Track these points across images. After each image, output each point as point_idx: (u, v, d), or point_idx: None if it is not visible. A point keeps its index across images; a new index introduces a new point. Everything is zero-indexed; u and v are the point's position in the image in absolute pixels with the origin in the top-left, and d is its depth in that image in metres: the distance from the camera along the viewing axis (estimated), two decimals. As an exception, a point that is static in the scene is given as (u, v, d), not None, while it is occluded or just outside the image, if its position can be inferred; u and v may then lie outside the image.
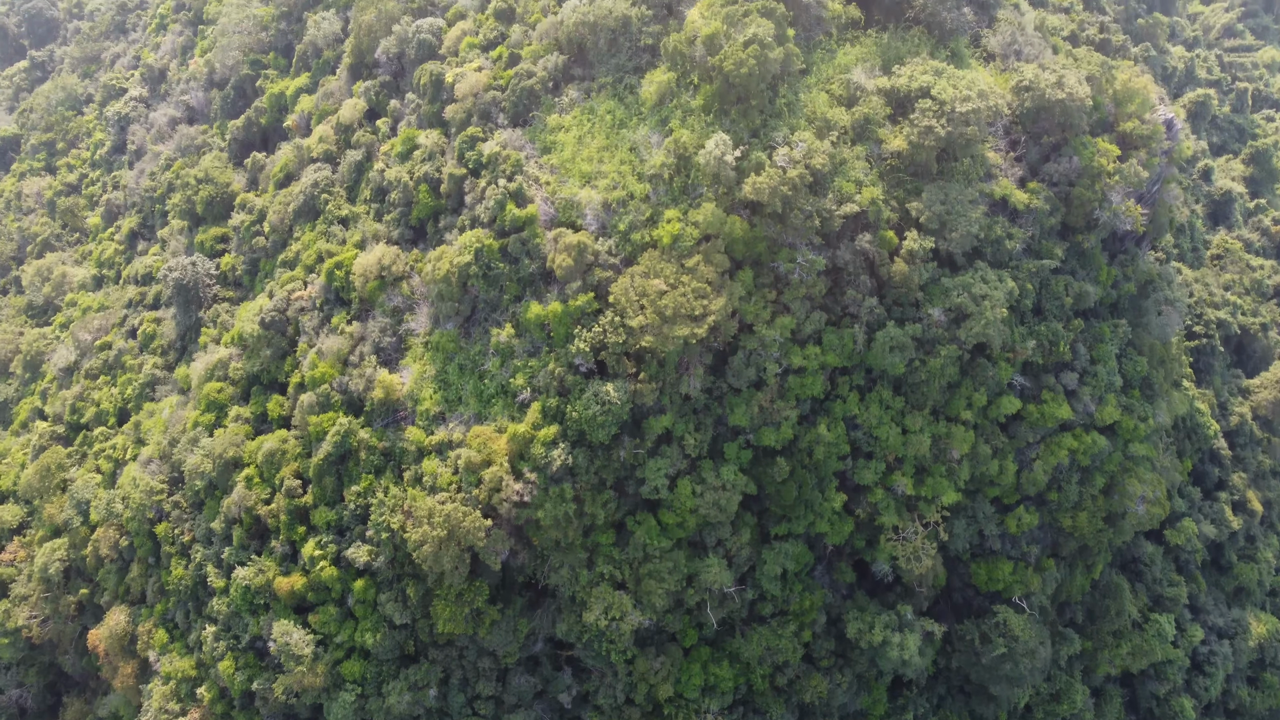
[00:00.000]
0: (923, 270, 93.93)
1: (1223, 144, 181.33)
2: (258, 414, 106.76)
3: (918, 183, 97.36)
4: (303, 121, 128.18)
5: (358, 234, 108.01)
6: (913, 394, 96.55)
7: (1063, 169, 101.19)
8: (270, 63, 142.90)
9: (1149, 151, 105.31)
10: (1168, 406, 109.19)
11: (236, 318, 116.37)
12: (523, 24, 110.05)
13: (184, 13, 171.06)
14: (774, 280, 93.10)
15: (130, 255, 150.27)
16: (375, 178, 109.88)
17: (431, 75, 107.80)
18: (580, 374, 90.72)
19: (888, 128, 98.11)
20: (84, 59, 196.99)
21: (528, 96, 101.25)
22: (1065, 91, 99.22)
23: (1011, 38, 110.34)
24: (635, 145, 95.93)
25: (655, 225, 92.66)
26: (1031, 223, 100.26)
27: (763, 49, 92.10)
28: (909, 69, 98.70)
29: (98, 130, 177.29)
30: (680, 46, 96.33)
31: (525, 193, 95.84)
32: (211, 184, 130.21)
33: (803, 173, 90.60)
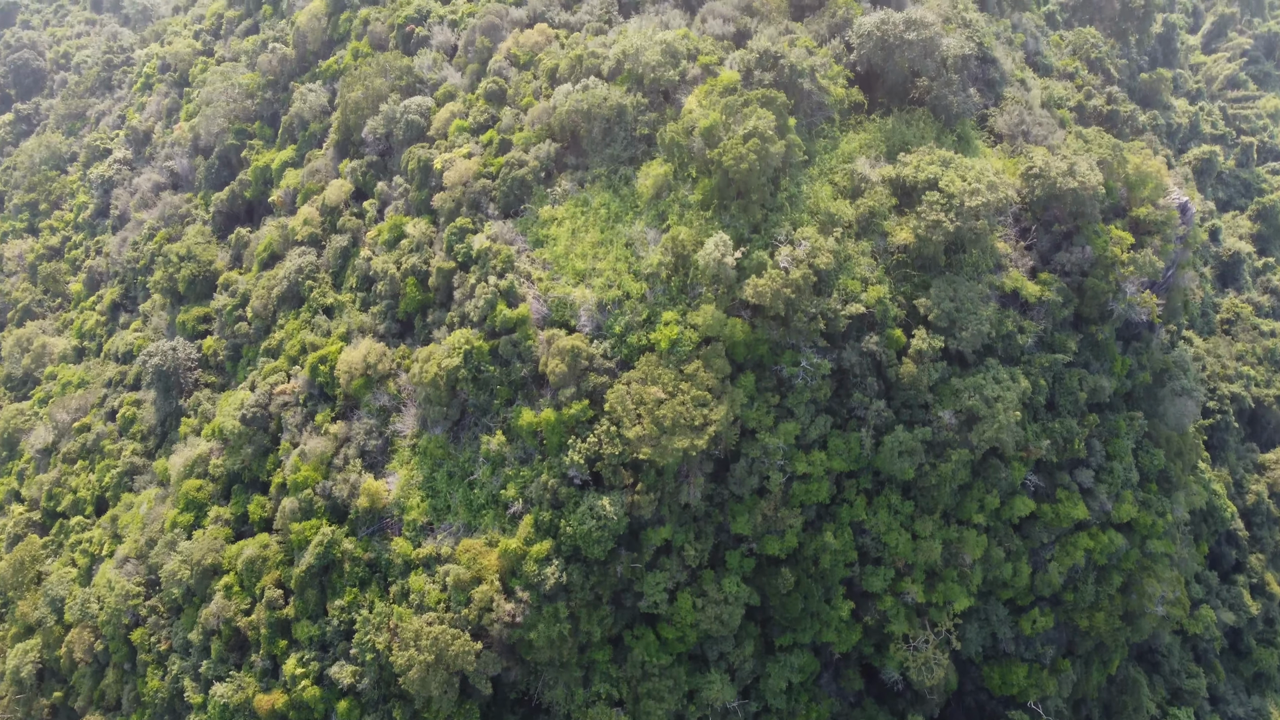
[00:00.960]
0: (932, 370, 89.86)
1: (1229, 199, 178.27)
2: (238, 515, 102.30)
3: (925, 276, 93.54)
4: (288, 198, 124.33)
5: (343, 325, 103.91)
6: (923, 498, 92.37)
7: (1075, 258, 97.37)
8: (256, 132, 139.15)
9: (1164, 238, 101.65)
10: (1186, 499, 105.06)
11: (218, 407, 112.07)
12: (514, 106, 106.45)
13: (169, 73, 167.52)
14: (777, 384, 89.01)
15: (112, 327, 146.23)
16: (361, 265, 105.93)
17: (419, 161, 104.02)
18: (574, 486, 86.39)
19: (893, 219, 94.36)
20: (69, 115, 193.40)
21: (519, 186, 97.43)
22: (1077, 180, 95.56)
23: (1019, 118, 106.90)
24: (631, 241, 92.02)
25: (653, 327, 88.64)
26: (1044, 315, 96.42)
27: (763, 143, 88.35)
28: (915, 158, 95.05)
29: (81, 192, 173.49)
30: (677, 138, 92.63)
31: (516, 291, 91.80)
32: (194, 261, 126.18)
33: (806, 273, 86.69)
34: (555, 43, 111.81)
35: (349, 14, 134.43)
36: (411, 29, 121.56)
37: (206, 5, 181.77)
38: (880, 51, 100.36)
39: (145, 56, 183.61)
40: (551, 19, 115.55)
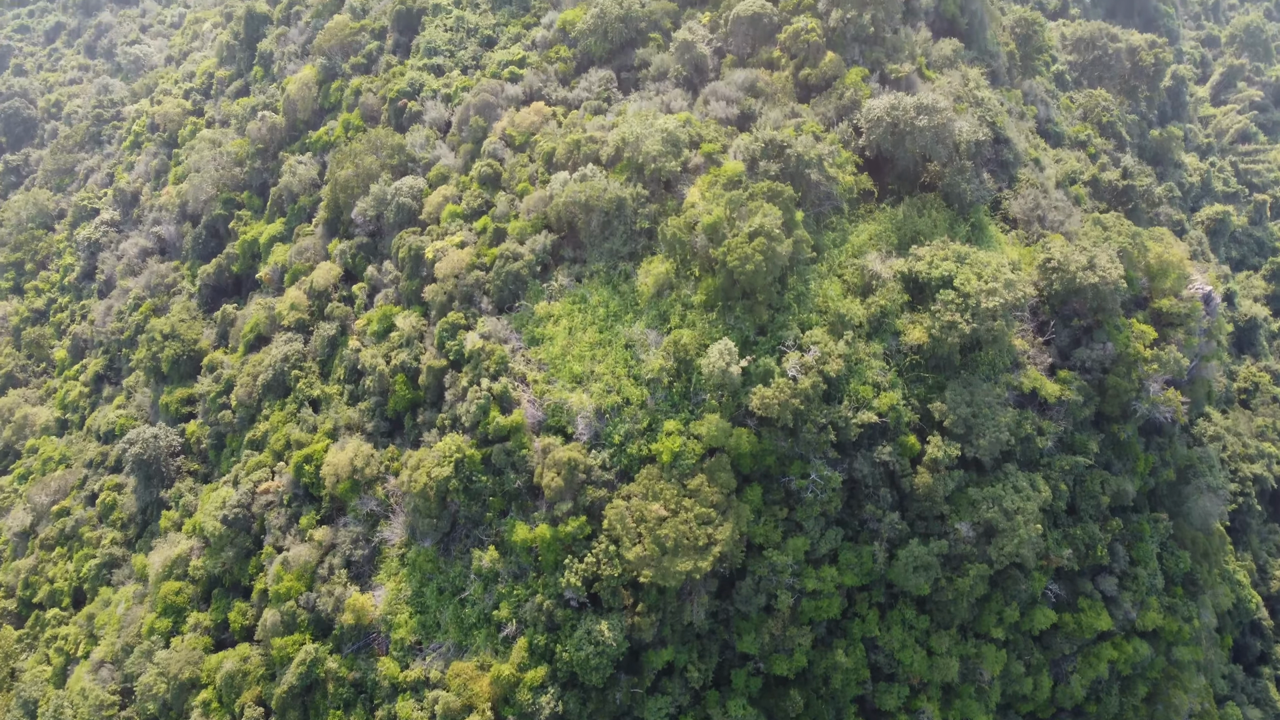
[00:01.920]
0: (948, 480, 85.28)
1: (1242, 259, 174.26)
2: (218, 622, 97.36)
3: (939, 377, 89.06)
4: (276, 275, 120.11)
5: (329, 421, 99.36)
6: (939, 612, 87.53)
7: (1096, 355, 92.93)
8: (244, 202, 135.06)
9: (1187, 330, 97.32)
10: (1213, 602, 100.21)
11: (200, 500, 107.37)
12: (509, 191, 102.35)
13: (159, 133, 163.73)
14: (785, 496, 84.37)
15: (95, 399, 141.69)
16: (349, 356, 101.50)
17: (410, 249, 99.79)
18: (571, 608, 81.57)
19: (906, 316, 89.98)
20: (57, 170, 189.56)
21: (514, 281, 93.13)
22: (1098, 274, 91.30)
23: (1034, 202, 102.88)
24: (631, 342, 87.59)
25: (654, 436, 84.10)
26: (1063, 415, 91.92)
27: (770, 242, 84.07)
28: (928, 252, 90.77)
29: (68, 253, 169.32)
30: (679, 233, 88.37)
31: (510, 395, 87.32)
32: (178, 340, 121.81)
33: (816, 380, 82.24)
34: (552, 121, 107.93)
35: (340, 83, 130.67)
36: (404, 104, 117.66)
37: (198, 62, 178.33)
38: (891, 137, 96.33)
39: (135, 113, 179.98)
40: (548, 96, 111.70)
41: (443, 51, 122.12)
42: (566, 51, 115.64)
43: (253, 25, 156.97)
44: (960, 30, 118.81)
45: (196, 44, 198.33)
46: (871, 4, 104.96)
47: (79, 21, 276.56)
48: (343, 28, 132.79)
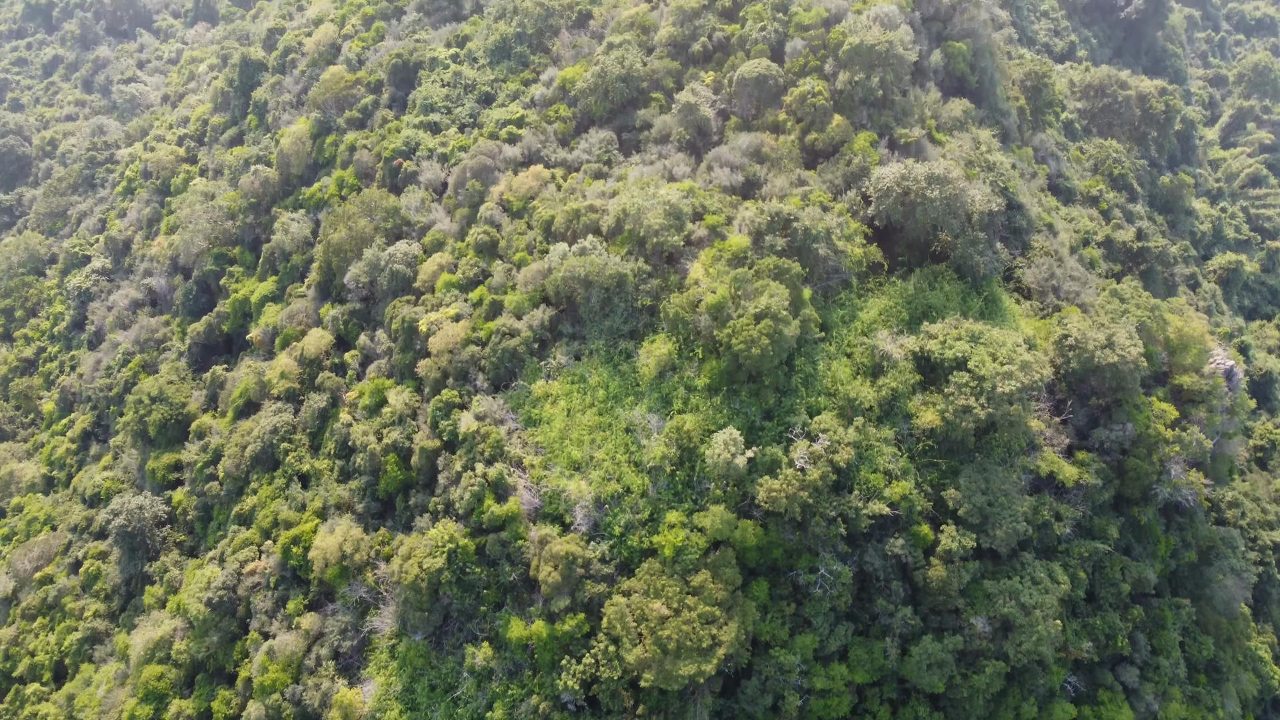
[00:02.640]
0: (962, 572, 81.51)
1: (1255, 307, 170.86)
2: (201, 710, 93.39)
3: (953, 462, 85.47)
4: (267, 337, 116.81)
5: (319, 499, 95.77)
6: (953, 709, 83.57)
7: (1115, 436, 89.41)
8: (236, 257, 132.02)
9: (1209, 408, 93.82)
10: (1237, 690, 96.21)
11: (185, 577, 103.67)
12: (506, 260, 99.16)
13: (151, 180, 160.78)
14: (793, 590, 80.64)
15: (83, 457, 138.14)
16: (340, 431, 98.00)
17: (404, 322, 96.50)
18: (569, 710, 77.70)
19: (918, 396, 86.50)
20: (50, 214, 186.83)
21: (510, 358, 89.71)
22: (1116, 354, 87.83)
23: (1049, 271, 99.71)
24: (632, 426, 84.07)
25: (656, 528, 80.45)
26: (1082, 499, 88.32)
27: (776, 324, 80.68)
28: (941, 330, 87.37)
29: (58, 301, 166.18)
30: (682, 312, 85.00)
31: (506, 481, 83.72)
32: (165, 404, 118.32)
33: (825, 471, 78.67)
34: (551, 185, 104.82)
35: (334, 137, 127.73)
36: (399, 163, 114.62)
37: (193, 106, 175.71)
38: (901, 208, 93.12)
39: (129, 156, 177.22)
40: (547, 158, 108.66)
41: (440, 108, 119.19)
42: (566, 111, 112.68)
43: (247, 73, 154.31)
44: (970, 89, 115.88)
45: (192, 85, 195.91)
46: (880, 66, 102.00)
47: (77, 55, 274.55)
48: (338, 80, 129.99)
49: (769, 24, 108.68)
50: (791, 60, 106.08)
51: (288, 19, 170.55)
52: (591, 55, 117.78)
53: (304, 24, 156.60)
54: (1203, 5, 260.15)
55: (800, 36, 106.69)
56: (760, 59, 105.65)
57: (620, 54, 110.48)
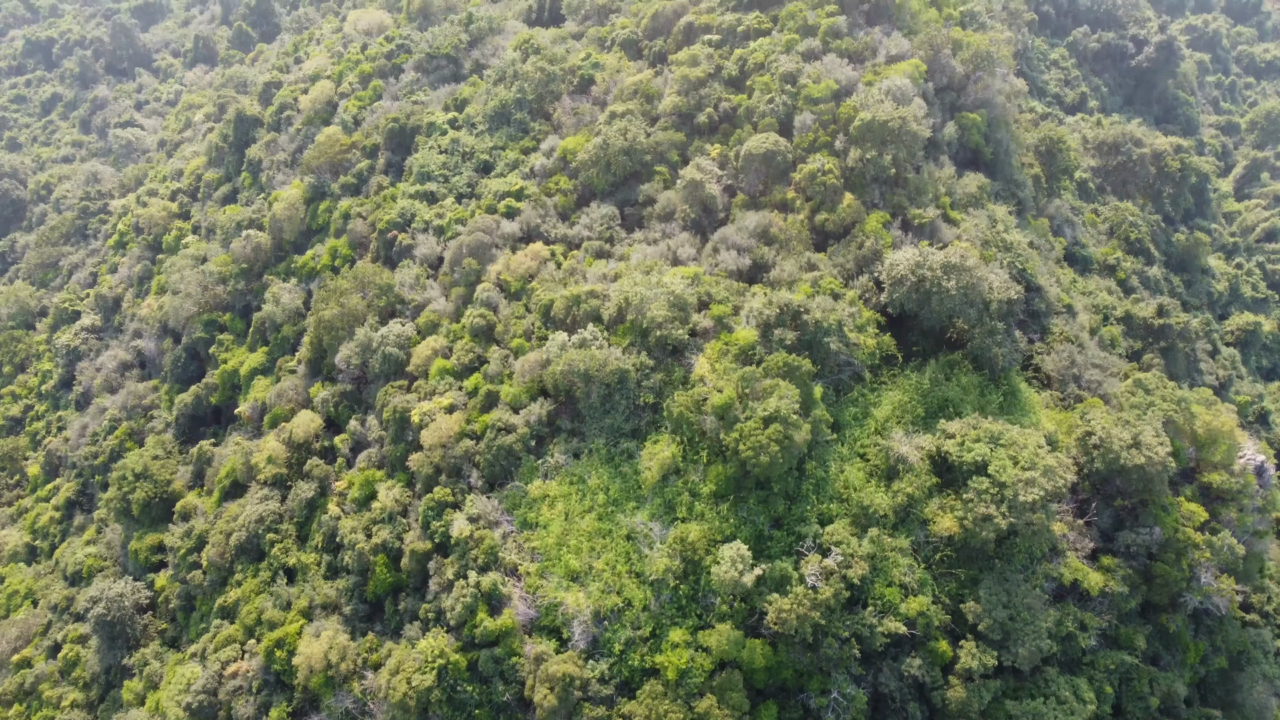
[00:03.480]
0: (983, 692, 76.83)
1: (1273, 368, 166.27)
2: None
3: (972, 571, 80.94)
4: (255, 413, 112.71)
5: (305, 597, 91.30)
6: (974, 837, 78.61)
7: (1142, 540, 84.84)
8: (226, 324, 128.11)
9: (1239, 508, 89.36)
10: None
11: (165, 672, 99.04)
12: (503, 346, 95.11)
13: (143, 236, 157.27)
14: (804, 714, 75.88)
15: (66, 527, 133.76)
16: (328, 523, 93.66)
17: (396, 412, 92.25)
18: (565, 845, 72.99)
19: (935, 499, 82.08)
20: (41, 264, 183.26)
21: (506, 456, 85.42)
22: (1143, 455, 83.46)
23: (1069, 359, 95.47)
24: (633, 534, 79.65)
25: (658, 645, 75.85)
26: (1108, 608, 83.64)
27: (786, 429, 76.43)
28: (959, 430, 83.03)
29: (47, 357, 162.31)
30: (687, 412, 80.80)
31: (500, 592, 79.25)
32: (150, 481, 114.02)
33: (838, 588, 74.17)
34: (551, 263, 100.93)
35: (328, 204, 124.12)
36: (394, 235, 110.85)
37: (187, 159, 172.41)
38: (916, 297, 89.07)
39: (122, 208, 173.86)
40: (547, 233, 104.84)
41: (436, 177, 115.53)
42: (567, 183, 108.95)
43: (242, 129, 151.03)
44: (984, 161, 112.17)
45: (188, 134, 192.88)
46: (893, 143, 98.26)
47: (75, 93, 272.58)
48: (333, 143, 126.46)
49: (777, 96, 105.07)
50: (800, 135, 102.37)
51: (284, 71, 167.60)
52: (593, 124, 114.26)
53: (301, 79, 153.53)
54: (1212, 48, 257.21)
55: (810, 110, 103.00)
56: (768, 133, 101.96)
57: (623, 125, 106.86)
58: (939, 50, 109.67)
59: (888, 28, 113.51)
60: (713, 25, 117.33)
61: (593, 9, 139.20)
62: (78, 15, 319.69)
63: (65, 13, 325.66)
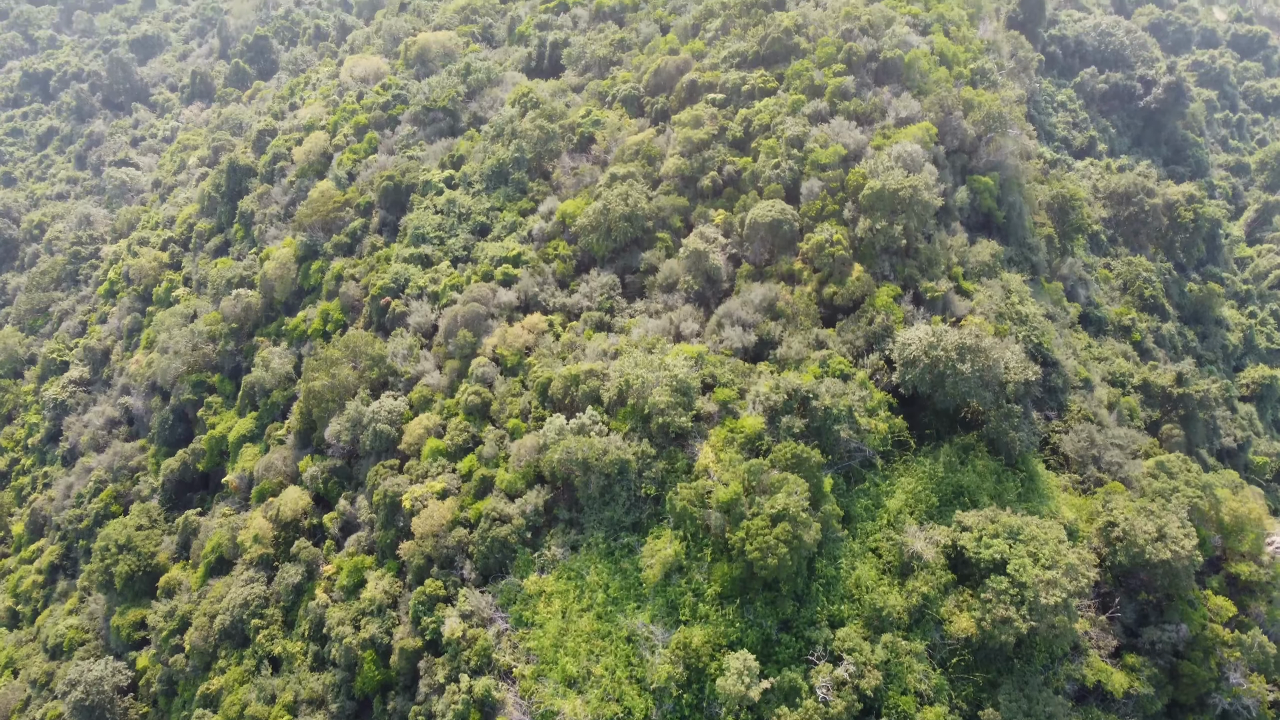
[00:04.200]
0: (1004, 806, 72.69)
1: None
2: None
3: (990, 674, 76.85)
4: (243, 484, 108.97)
5: (290, 690, 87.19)
6: None
7: (1167, 637, 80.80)
8: (216, 385, 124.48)
9: (1269, 600, 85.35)
10: None
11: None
12: (498, 426, 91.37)
13: (133, 287, 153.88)
14: (814, 832, 71.65)
15: (49, 592, 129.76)
16: (316, 611, 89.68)
17: (387, 496, 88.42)
18: None
19: (951, 595, 78.12)
20: (32, 310, 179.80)
21: (500, 549, 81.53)
22: (1169, 549, 79.55)
23: (1088, 439, 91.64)
24: (634, 637, 75.64)
25: (660, 760, 71.80)
26: (1133, 710, 79.48)
27: (795, 528, 72.57)
28: (975, 523, 79.11)
29: (34, 409, 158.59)
30: (690, 508, 76.93)
31: (493, 697, 75.16)
32: (133, 554, 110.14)
33: (851, 701, 70.13)
34: (549, 334, 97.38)
35: (321, 264, 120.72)
36: (387, 302, 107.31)
37: (180, 205, 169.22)
38: (929, 378, 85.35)
39: (113, 255, 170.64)
40: (545, 302, 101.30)
41: (432, 239, 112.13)
42: (566, 248, 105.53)
43: (235, 178, 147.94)
44: (997, 224, 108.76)
45: (182, 176, 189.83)
46: (903, 212, 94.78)
47: (72, 128, 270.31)
48: (326, 201, 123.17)
49: (783, 161, 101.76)
50: (808, 202, 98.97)
51: (279, 117, 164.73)
52: (594, 185, 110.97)
53: (295, 127, 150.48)
54: (1219, 84, 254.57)
55: (817, 176, 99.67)
56: (774, 200, 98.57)
57: (624, 189, 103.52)
58: (950, 112, 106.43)
59: (896, 88, 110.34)
60: (716, 83, 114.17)
61: (593, 60, 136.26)
62: (76, 46, 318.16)
63: (63, 44, 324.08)
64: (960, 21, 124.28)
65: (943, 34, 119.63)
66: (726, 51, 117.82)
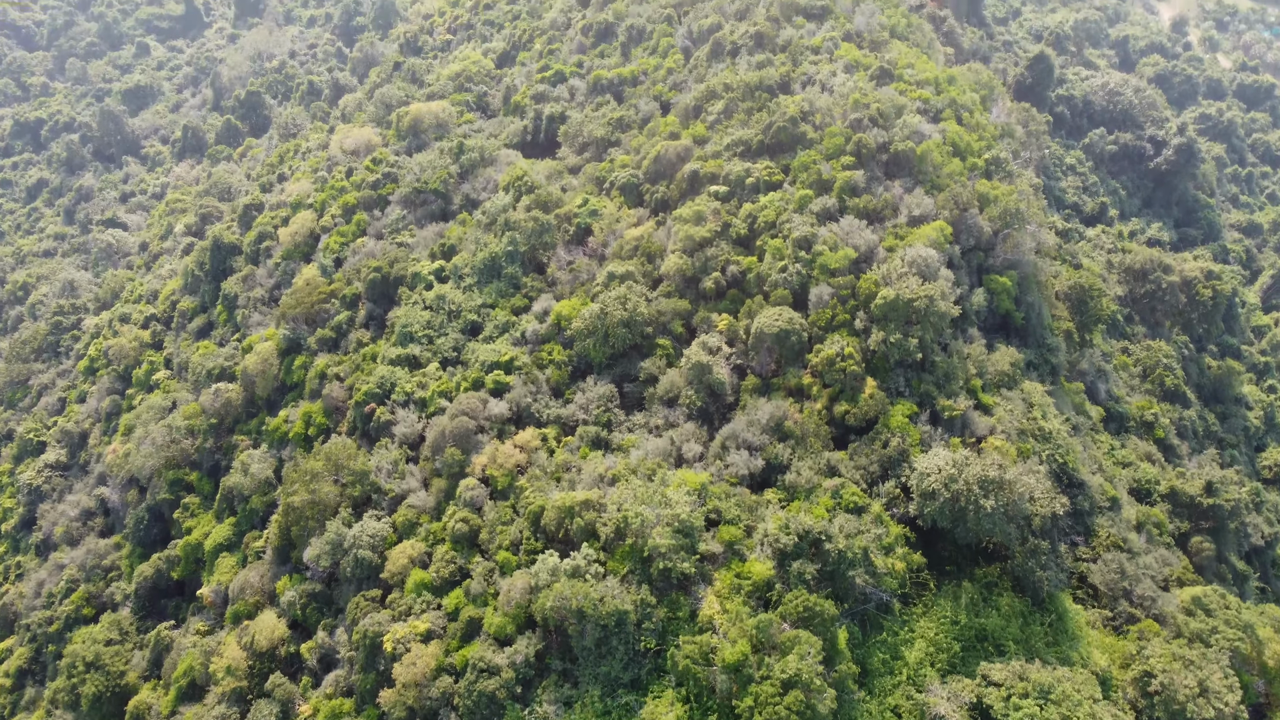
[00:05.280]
0: None
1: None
2: None
3: (1021, 844, 70.44)
4: (218, 600, 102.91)
5: None
6: None
7: (1211, 801, 74.47)
8: (194, 484, 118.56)
9: (1318, 754, 79.17)
10: None
11: None
12: (488, 558, 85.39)
13: (112, 367, 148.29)
14: None
15: (17, 698, 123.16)
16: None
17: (367, 636, 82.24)
18: None
19: (976, 758, 71.92)
20: (11, 382, 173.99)
21: (488, 704, 75.25)
22: (1213, 706, 73.46)
23: (1118, 570, 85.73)
24: (633, 812, 69.35)
25: None
26: None
27: (808, 696, 66.45)
28: (1004, 680, 72.92)
29: (9, 493, 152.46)
30: (694, 667, 70.80)
31: None
32: (101, 673, 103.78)
33: None
34: (542, 450, 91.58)
35: (304, 359, 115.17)
36: (372, 408, 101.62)
37: (163, 279, 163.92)
38: (950, 513, 79.54)
39: (94, 329, 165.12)
40: (538, 414, 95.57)
41: (420, 338, 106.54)
42: (560, 353, 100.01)
43: (219, 256, 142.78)
44: (1015, 326, 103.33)
45: (168, 244, 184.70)
46: (918, 323, 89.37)
47: (62, 180, 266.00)
48: (311, 291, 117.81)
49: (790, 264, 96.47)
50: (816, 311, 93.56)
51: (267, 189, 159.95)
52: (590, 282, 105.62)
53: (282, 203, 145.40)
54: (1227, 138, 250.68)
55: (827, 283, 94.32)
56: (781, 308, 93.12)
57: (622, 291, 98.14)
58: (965, 209, 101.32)
59: (909, 181, 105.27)
60: (719, 175, 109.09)
61: (590, 139, 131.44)
62: (69, 94, 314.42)
63: (56, 91, 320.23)
64: (973, 106, 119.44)
65: (955, 121, 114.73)
66: (730, 139, 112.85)
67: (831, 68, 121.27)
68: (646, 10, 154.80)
